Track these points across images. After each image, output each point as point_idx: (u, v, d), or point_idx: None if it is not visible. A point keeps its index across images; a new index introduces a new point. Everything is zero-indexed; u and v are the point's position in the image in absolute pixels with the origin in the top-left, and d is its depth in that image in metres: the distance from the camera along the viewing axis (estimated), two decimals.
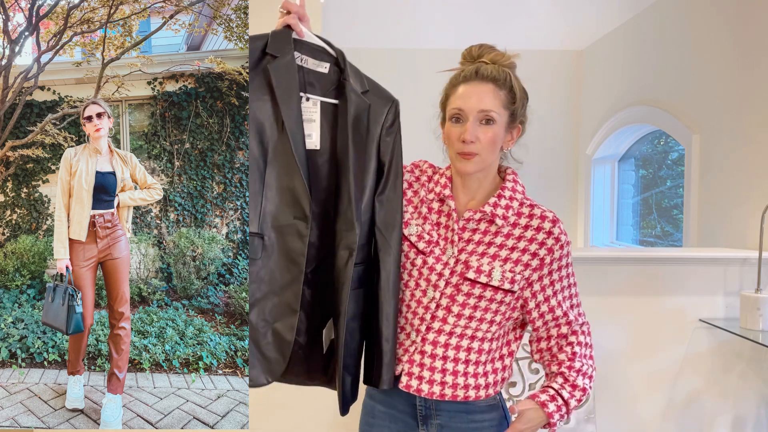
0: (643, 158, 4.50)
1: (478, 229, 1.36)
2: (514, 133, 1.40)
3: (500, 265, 1.32)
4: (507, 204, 1.35)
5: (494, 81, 1.32)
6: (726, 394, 2.51)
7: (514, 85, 1.35)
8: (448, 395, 1.34)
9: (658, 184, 4.23)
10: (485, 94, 1.32)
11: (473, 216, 1.36)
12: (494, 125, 1.32)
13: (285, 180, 1.27)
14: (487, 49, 1.37)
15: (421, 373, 1.35)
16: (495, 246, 1.34)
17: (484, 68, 1.33)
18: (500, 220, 1.34)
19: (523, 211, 1.36)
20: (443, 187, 1.40)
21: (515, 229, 1.35)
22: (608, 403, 2.49)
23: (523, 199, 1.38)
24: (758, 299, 2.29)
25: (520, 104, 1.37)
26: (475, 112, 1.31)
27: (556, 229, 1.34)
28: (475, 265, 1.32)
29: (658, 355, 2.49)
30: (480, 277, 1.31)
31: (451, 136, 1.34)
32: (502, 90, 1.33)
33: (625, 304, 2.48)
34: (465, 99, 1.32)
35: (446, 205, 1.39)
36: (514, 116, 1.37)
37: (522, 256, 1.33)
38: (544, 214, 1.35)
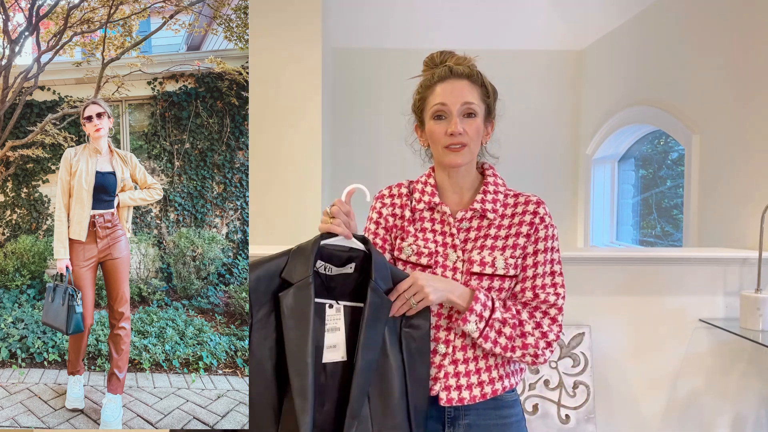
0: (643, 158, 4.50)
1: (471, 226, 1.40)
2: (489, 127, 1.45)
3: (500, 254, 1.37)
4: (493, 198, 1.41)
5: (468, 77, 1.39)
6: (726, 394, 2.51)
7: (485, 81, 1.42)
8: (488, 393, 1.37)
9: (658, 184, 4.23)
10: (463, 88, 1.37)
11: (465, 215, 1.40)
12: (476, 118, 1.38)
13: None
14: (449, 54, 1.44)
15: (458, 382, 1.37)
16: (491, 238, 1.39)
17: (457, 67, 1.39)
18: (491, 213, 1.39)
19: (509, 202, 1.42)
20: (431, 195, 1.44)
21: (504, 219, 1.40)
22: (608, 403, 2.49)
23: (506, 191, 1.45)
24: (758, 299, 2.29)
25: (492, 99, 1.43)
26: (458, 105, 1.36)
27: (540, 210, 1.40)
28: (478, 258, 1.37)
29: (658, 355, 2.49)
30: (485, 268, 1.36)
31: (436, 133, 1.38)
32: (476, 85, 1.39)
33: (625, 304, 2.48)
34: (446, 95, 1.37)
35: (437, 212, 1.43)
36: (490, 110, 1.43)
37: (517, 240, 1.38)
38: (529, 198, 1.42)
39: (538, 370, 2.40)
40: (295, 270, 1.18)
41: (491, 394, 1.37)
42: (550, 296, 1.38)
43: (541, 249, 1.38)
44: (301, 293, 1.16)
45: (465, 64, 1.41)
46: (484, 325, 1.31)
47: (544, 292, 1.38)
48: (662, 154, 4.25)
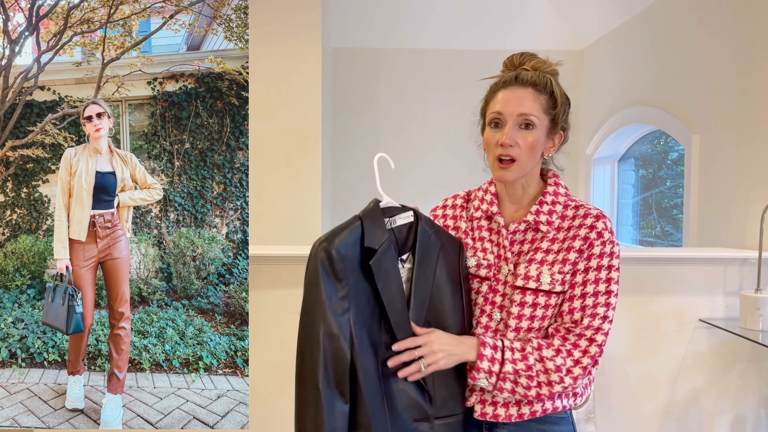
0: (643, 158, 4.50)
1: (525, 239, 1.34)
2: (555, 139, 1.36)
3: (548, 269, 1.28)
4: (550, 209, 1.33)
5: (534, 86, 1.31)
6: (726, 394, 2.51)
7: (555, 90, 1.33)
8: (526, 414, 1.30)
9: (658, 184, 4.23)
10: (524, 97, 1.30)
11: (518, 227, 1.34)
12: (534, 130, 1.29)
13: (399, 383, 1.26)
14: (529, 56, 1.35)
15: (494, 398, 1.31)
16: (542, 251, 1.31)
17: (524, 74, 1.32)
18: (544, 226, 1.32)
19: (568, 213, 1.33)
20: (490, 204, 1.38)
21: (560, 233, 1.32)
22: (608, 403, 2.49)
23: (567, 201, 1.35)
24: (758, 299, 2.29)
25: (561, 110, 1.34)
26: (514, 115, 1.29)
27: (599, 224, 1.29)
28: (523, 272, 1.30)
29: (658, 355, 2.49)
30: (528, 283, 1.28)
31: (490, 141, 1.32)
32: (543, 94, 1.31)
33: (625, 304, 2.47)
34: (504, 103, 1.30)
35: (494, 222, 1.38)
36: (555, 121, 1.34)
37: (568, 255, 1.29)
38: (588, 211, 1.31)
39: None
40: (375, 236, 1.24)
41: (529, 416, 1.30)
42: (595, 320, 1.26)
43: (593, 266, 1.27)
44: (387, 256, 1.24)
45: (542, 69, 1.33)
46: (495, 380, 1.25)
47: (588, 316, 1.26)
48: (662, 154, 4.26)
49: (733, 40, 2.90)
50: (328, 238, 1.22)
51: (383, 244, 1.24)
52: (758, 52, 2.71)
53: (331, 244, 1.20)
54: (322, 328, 1.19)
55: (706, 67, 3.13)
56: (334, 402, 1.18)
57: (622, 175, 4.72)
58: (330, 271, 1.20)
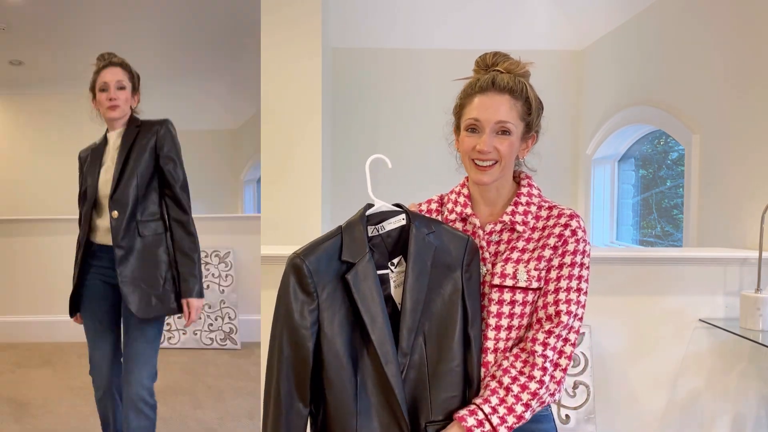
0: (643, 158, 4.50)
1: (501, 239, 1.36)
2: (528, 142, 1.40)
3: (524, 267, 1.31)
4: (525, 210, 1.36)
5: (510, 92, 1.32)
6: (726, 394, 2.51)
7: (530, 95, 1.35)
8: None
9: (658, 184, 4.23)
10: (501, 105, 1.31)
11: (495, 228, 1.36)
12: (510, 136, 1.32)
13: (381, 398, 1.23)
14: (502, 57, 1.36)
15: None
16: (518, 251, 1.34)
17: (500, 78, 1.32)
18: (520, 226, 1.34)
19: (542, 214, 1.36)
20: (464, 206, 1.40)
21: (535, 232, 1.35)
22: (608, 403, 2.49)
23: (541, 202, 1.39)
24: (758, 299, 2.28)
25: (535, 114, 1.37)
26: (491, 123, 1.31)
27: (573, 222, 1.33)
28: (500, 271, 1.32)
29: (658, 355, 2.49)
30: (505, 280, 1.31)
31: (466, 145, 1.34)
32: (519, 101, 1.33)
33: (625, 304, 2.47)
34: (481, 110, 1.32)
35: (469, 224, 1.39)
36: (530, 127, 1.37)
37: (543, 252, 1.32)
38: (562, 211, 1.35)
39: None
40: (353, 249, 1.24)
41: None
42: (570, 318, 1.29)
43: (567, 263, 1.31)
44: (364, 269, 1.23)
45: (514, 71, 1.34)
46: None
47: (564, 313, 1.29)
48: (662, 154, 4.25)
49: (734, 40, 2.90)
50: (303, 251, 1.24)
51: (362, 258, 1.24)
52: (758, 52, 2.71)
53: (305, 258, 1.22)
54: (285, 337, 1.22)
55: (706, 67, 3.13)
56: (292, 406, 1.22)
57: (622, 175, 4.72)
58: (298, 284, 1.22)
